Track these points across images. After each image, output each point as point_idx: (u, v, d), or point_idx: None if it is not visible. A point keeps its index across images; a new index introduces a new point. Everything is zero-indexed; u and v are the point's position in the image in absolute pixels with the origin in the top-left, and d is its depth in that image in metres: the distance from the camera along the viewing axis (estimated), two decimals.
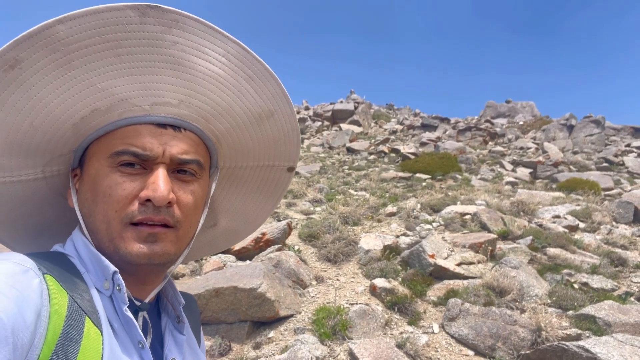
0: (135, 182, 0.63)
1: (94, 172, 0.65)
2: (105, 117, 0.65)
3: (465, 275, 4.94)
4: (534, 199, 9.69)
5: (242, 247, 5.53)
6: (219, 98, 0.70)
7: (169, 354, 0.70)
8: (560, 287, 4.62)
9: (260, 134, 0.79)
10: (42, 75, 0.58)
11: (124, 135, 0.65)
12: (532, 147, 19.75)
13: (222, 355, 3.67)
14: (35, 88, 0.59)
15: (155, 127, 0.66)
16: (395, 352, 3.41)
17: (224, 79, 0.68)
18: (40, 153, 0.67)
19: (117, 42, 0.59)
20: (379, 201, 9.41)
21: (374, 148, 19.93)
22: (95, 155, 0.67)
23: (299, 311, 4.19)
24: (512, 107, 33.38)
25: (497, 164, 16.27)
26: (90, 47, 0.58)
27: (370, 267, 5.21)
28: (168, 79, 0.65)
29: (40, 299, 0.52)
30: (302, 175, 13.10)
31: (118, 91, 0.63)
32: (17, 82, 0.57)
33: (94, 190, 0.65)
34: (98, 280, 0.63)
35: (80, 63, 0.59)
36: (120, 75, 0.62)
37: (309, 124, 26.73)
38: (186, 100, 0.67)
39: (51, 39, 0.56)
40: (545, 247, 6.07)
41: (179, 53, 0.63)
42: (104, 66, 0.60)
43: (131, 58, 0.61)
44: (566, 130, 22.64)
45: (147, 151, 0.64)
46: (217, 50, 0.65)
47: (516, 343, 3.65)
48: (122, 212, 0.63)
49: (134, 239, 0.63)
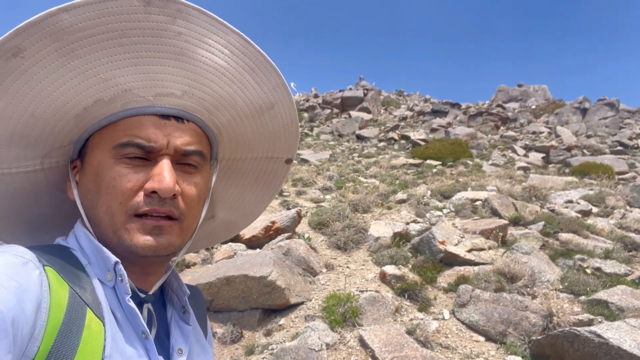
0: (139, 173, 0.63)
1: (96, 164, 0.65)
2: (108, 108, 0.64)
3: (476, 261, 4.92)
4: (547, 183, 9.59)
5: (252, 236, 5.57)
6: (222, 89, 0.70)
7: (175, 344, 0.70)
8: (572, 273, 4.58)
9: (261, 125, 0.79)
10: (45, 64, 0.57)
11: (127, 127, 0.64)
12: (545, 132, 19.48)
13: (234, 342, 3.72)
14: (37, 78, 0.58)
15: (158, 118, 0.66)
16: (405, 339, 3.42)
17: (226, 71, 0.68)
18: (40, 144, 0.66)
19: (121, 31, 0.58)
20: (388, 188, 9.38)
21: (383, 135, 19.81)
22: (97, 146, 0.66)
23: (309, 298, 4.21)
24: (525, 91, 32.89)
25: (509, 149, 16.09)
26: (94, 36, 0.57)
27: (380, 254, 5.21)
28: (172, 70, 0.64)
29: (40, 291, 0.52)
30: (312, 163, 13.09)
31: (122, 81, 0.62)
32: (19, 71, 0.56)
33: (96, 182, 0.64)
34: (101, 272, 0.64)
35: (83, 52, 0.58)
36: (124, 66, 0.61)
37: (318, 111, 26.60)
38: (189, 92, 0.67)
39: (54, 27, 0.55)
40: (558, 232, 6.01)
41: (183, 44, 0.62)
42: (108, 56, 0.60)
43: (135, 48, 0.60)
44: (580, 114, 22.26)
45: (152, 142, 0.64)
46: (219, 42, 0.65)
47: (527, 329, 3.64)
48: (126, 203, 0.63)
49: (139, 231, 0.63)
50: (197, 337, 0.79)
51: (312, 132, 21.86)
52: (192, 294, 0.82)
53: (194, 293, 0.86)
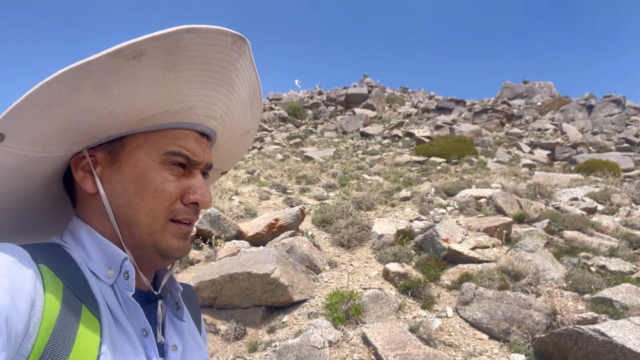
0: (180, 182, 0.69)
1: (142, 165, 0.67)
2: (170, 118, 0.69)
3: (480, 259, 4.91)
4: (552, 181, 9.54)
5: (256, 233, 5.58)
6: (236, 116, 0.79)
7: (170, 341, 0.71)
8: (576, 271, 4.56)
9: (234, 147, 0.90)
10: (151, 72, 0.60)
11: (176, 137, 0.70)
12: (551, 129, 19.35)
13: (237, 339, 3.73)
14: (138, 81, 0.60)
15: (199, 135, 0.73)
16: (408, 336, 3.42)
17: (243, 101, 0.78)
18: (86, 135, 0.65)
19: (210, 59, 0.64)
20: (392, 186, 9.37)
21: (388, 132, 19.76)
22: (141, 148, 0.68)
23: (312, 296, 4.22)
24: (530, 88, 32.68)
25: (514, 146, 16.00)
26: (194, 58, 0.62)
27: (384, 251, 5.21)
28: (222, 97, 0.72)
29: (34, 288, 0.53)
30: (316, 161, 13.09)
31: (191, 99, 0.68)
32: (129, 72, 0.58)
33: (141, 183, 0.66)
34: (100, 269, 0.64)
35: (181, 69, 0.62)
36: (199, 87, 0.67)
37: (322, 108, 26.57)
38: (223, 117, 0.76)
39: (174, 43, 0.59)
40: (562, 230, 5.98)
41: (235, 78, 0.70)
42: (193, 77, 0.65)
43: (211, 75, 0.66)
44: (585, 111, 22.09)
45: (196, 157, 0.71)
46: (247, 78, 0.73)
47: (531, 327, 3.63)
48: (169, 208, 0.68)
49: (174, 236, 0.70)
50: (191, 333, 0.81)
51: (316, 129, 21.85)
52: (185, 291, 0.84)
53: (186, 290, 0.89)
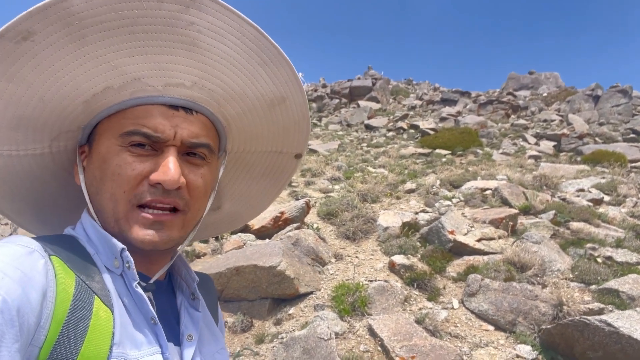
0: (145, 162, 0.63)
1: (103, 151, 0.65)
2: (117, 96, 0.64)
3: (486, 250, 4.91)
4: (558, 172, 9.48)
5: (262, 226, 5.60)
6: (233, 82, 0.69)
7: (185, 330, 0.70)
8: (583, 262, 4.54)
9: (271, 120, 0.78)
10: (55, 49, 0.56)
11: (135, 115, 0.64)
12: (557, 120, 19.20)
13: (244, 331, 3.76)
14: (47, 62, 0.57)
15: (167, 109, 0.65)
16: (414, 328, 3.43)
17: (238, 63, 0.67)
18: (49, 128, 0.66)
19: (133, 19, 0.57)
20: (397, 178, 9.35)
21: (392, 124, 19.68)
22: (105, 133, 0.66)
23: (318, 288, 4.24)
24: (536, 79, 32.40)
25: (520, 137, 15.89)
26: (106, 23, 0.56)
27: (389, 244, 5.22)
28: (183, 60, 0.63)
29: (46, 280, 0.53)
30: (320, 154, 13.07)
31: (132, 70, 0.62)
32: (29, 54, 0.56)
33: (102, 169, 0.64)
34: (108, 260, 0.64)
35: (94, 39, 0.57)
36: (135, 54, 0.61)
37: (327, 101, 26.50)
38: (199, 83, 0.67)
39: (66, 12, 0.54)
40: (569, 221, 5.96)
41: (195, 34, 0.61)
42: (119, 43, 0.59)
43: (147, 37, 0.60)
44: (592, 101, 21.89)
45: (159, 133, 0.63)
46: (233, 33, 0.64)
47: (537, 318, 3.63)
48: (130, 192, 0.63)
49: (138, 224, 0.63)
50: (207, 324, 0.79)
51: (320, 122, 21.80)
52: (202, 281, 0.82)
53: (204, 281, 0.86)
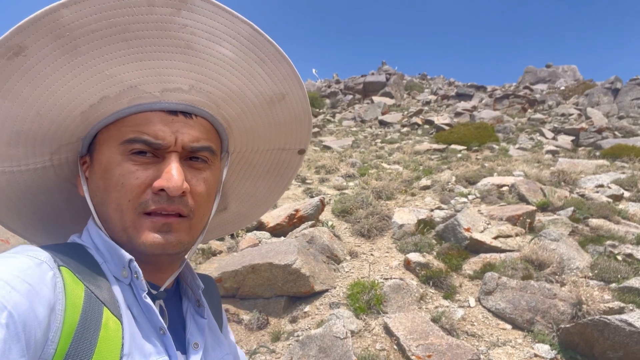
0: (147, 170, 0.63)
1: (105, 161, 0.64)
2: (115, 105, 0.64)
3: (503, 248, 4.85)
4: (576, 167, 9.33)
5: (277, 224, 5.62)
6: (230, 82, 0.68)
7: (191, 338, 0.70)
8: (602, 259, 4.46)
9: (272, 117, 0.78)
10: (48, 62, 0.56)
11: (135, 123, 0.64)
12: (575, 113, 18.86)
13: (260, 328, 3.79)
14: (41, 76, 0.57)
15: (166, 114, 0.65)
16: (430, 326, 3.42)
17: (235, 62, 0.66)
18: (48, 142, 0.66)
19: (124, 26, 0.56)
20: (412, 174, 9.30)
21: (407, 120, 19.56)
22: (105, 143, 0.66)
23: (333, 286, 4.24)
24: (553, 72, 31.86)
25: (537, 132, 15.66)
26: (97, 32, 0.55)
27: (404, 241, 5.19)
28: (178, 64, 0.62)
29: (54, 293, 0.52)
30: (335, 150, 13.06)
31: (127, 77, 0.61)
32: (22, 70, 0.55)
33: (105, 179, 0.64)
34: (116, 269, 0.64)
35: (86, 49, 0.56)
36: (129, 61, 0.60)
37: (340, 97, 26.42)
38: (197, 86, 0.66)
39: (56, 24, 0.53)
40: (588, 218, 5.85)
41: (189, 36, 0.60)
42: (112, 52, 0.58)
43: (139, 43, 0.59)
44: (611, 94, 21.43)
45: (159, 140, 0.63)
46: (227, 32, 0.62)
47: (555, 317, 3.58)
48: (135, 201, 0.62)
49: (148, 229, 0.63)
50: (212, 330, 0.79)
51: (334, 118, 21.76)
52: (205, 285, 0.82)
53: (207, 284, 0.86)
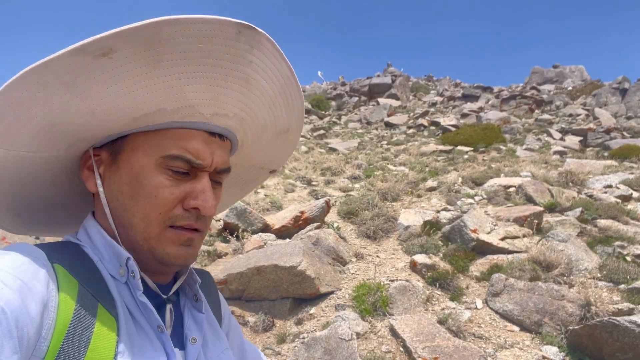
0: (180, 187, 0.65)
1: (137, 167, 0.64)
2: (167, 117, 0.64)
3: (510, 249, 4.81)
4: (584, 168, 9.25)
5: (282, 226, 5.62)
6: (261, 113, 0.73)
7: (189, 333, 0.70)
8: (611, 260, 4.41)
9: (272, 145, 0.85)
10: (129, 68, 0.56)
11: (177, 137, 0.65)
12: (582, 114, 18.72)
13: (265, 330, 3.78)
14: (115, 79, 0.57)
15: (207, 135, 0.67)
16: (437, 328, 3.39)
17: (270, 97, 0.71)
18: (76, 135, 0.64)
19: (208, 52, 0.59)
20: (418, 176, 9.26)
21: (412, 122, 19.50)
22: (140, 149, 0.65)
23: (339, 288, 4.23)
24: (560, 72, 31.65)
25: (544, 132, 15.55)
26: (184, 52, 0.57)
27: (410, 243, 5.17)
28: (234, 94, 0.66)
29: (47, 290, 0.53)
30: (340, 152, 13.05)
31: (190, 97, 0.63)
32: (101, 70, 0.55)
33: (134, 187, 0.64)
34: (113, 267, 0.64)
35: (168, 65, 0.58)
36: (199, 83, 0.62)
37: (346, 99, 26.41)
38: (239, 114, 0.70)
39: (153, 37, 0.54)
40: (596, 218, 5.79)
41: (250, 72, 0.64)
42: (188, 72, 0.60)
43: (214, 70, 0.61)
44: (619, 95, 21.25)
45: (200, 160, 0.65)
46: (273, 71, 0.67)
47: (564, 318, 3.54)
48: (165, 215, 0.64)
49: (172, 242, 0.65)
50: (210, 325, 0.79)
51: (340, 120, 21.75)
52: (202, 280, 0.83)
53: (204, 279, 0.87)
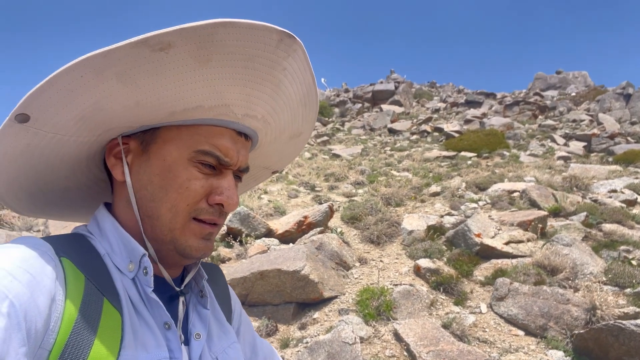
0: (207, 181, 0.67)
1: (170, 160, 0.66)
2: (203, 113, 0.66)
3: (514, 254, 4.79)
4: (588, 173, 9.22)
5: (285, 231, 5.61)
6: (284, 117, 0.76)
7: (193, 329, 0.71)
8: (616, 264, 4.38)
9: (282, 147, 0.87)
10: (180, 64, 0.58)
11: (209, 134, 0.67)
12: (586, 119, 18.69)
13: (269, 335, 3.76)
14: (166, 73, 0.58)
15: (235, 134, 0.70)
16: (441, 332, 3.37)
17: (293, 102, 0.73)
18: (114, 123, 0.65)
19: (251, 57, 0.61)
20: (422, 181, 9.25)
21: (416, 128, 19.52)
22: (173, 142, 0.67)
23: (342, 292, 4.21)
24: (563, 78, 31.66)
25: (548, 138, 15.54)
26: (231, 54, 0.60)
27: (414, 247, 5.15)
28: (265, 97, 0.68)
29: (55, 283, 0.53)
30: (344, 158, 13.06)
31: (228, 97, 0.65)
32: (155, 63, 0.56)
33: (166, 178, 0.65)
34: (122, 262, 0.65)
35: (215, 64, 0.60)
36: (238, 84, 0.64)
37: (349, 106, 26.48)
38: (266, 117, 0.73)
39: (208, 37, 0.56)
40: (601, 223, 5.77)
41: (282, 77, 0.66)
42: (231, 73, 0.62)
43: (253, 73, 0.63)
44: (623, 100, 21.21)
45: (228, 158, 0.68)
46: (299, 77, 0.69)
47: (569, 322, 3.52)
48: (192, 206, 0.66)
49: (195, 235, 0.68)
50: (218, 319, 0.79)
51: (343, 127, 21.79)
52: (210, 273, 0.83)
53: (212, 272, 0.87)
